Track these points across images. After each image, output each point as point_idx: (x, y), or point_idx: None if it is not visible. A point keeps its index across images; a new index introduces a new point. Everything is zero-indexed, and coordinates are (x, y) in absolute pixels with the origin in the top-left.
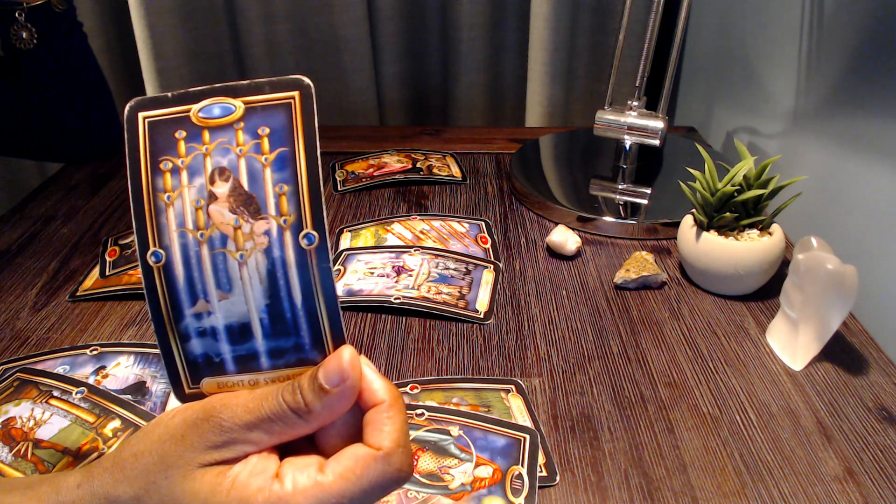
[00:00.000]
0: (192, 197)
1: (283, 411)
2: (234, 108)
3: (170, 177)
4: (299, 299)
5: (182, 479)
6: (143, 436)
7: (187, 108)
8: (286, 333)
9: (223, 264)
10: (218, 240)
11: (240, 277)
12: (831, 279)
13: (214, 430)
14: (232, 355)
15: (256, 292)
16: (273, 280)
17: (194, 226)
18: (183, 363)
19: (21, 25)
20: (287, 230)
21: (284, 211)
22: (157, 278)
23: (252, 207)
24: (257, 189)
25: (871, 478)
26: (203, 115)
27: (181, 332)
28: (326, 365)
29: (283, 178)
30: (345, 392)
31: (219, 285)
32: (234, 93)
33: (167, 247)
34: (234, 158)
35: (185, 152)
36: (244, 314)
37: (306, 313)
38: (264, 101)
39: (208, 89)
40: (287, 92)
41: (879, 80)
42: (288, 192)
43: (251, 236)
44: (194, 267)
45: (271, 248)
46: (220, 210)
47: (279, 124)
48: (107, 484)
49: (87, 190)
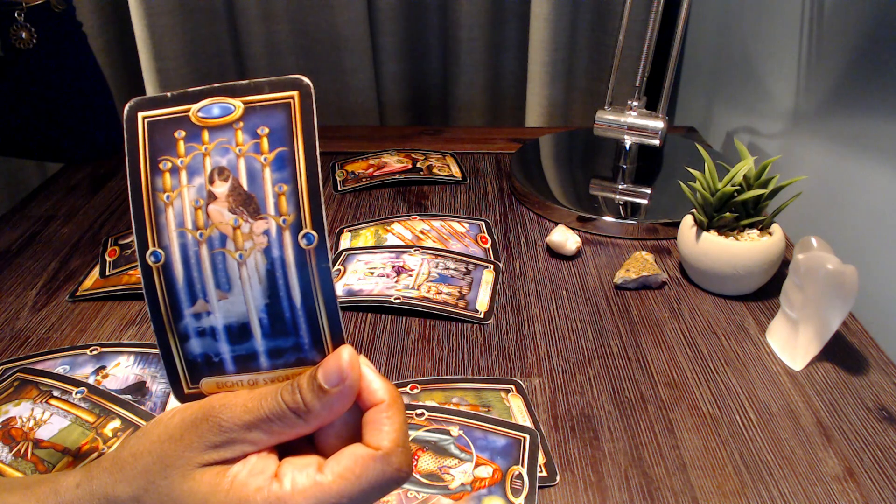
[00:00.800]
0: (191, 197)
1: (283, 411)
2: (233, 108)
3: (169, 176)
4: (298, 299)
5: (181, 478)
6: (142, 436)
7: (187, 108)
8: (285, 333)
9: (222, 264)
10: (217, 239)
11: (239, 277)
12: (831, 279)
13: (213, 429)
14: (231, 355)
15: (255, 292)
16: (272, 280)
17: (193, 225)
18: (182, 363)
19: (20, 25)
20: (286, 230)
21: (284, 211)
22: (156, 278)
23: (251, 207)
24: (256, 189)
25: (871, 478)
26: (202, 114)
27: (180, 332)
28: (325, 365)
29: (283, 177)
30: (344, 392)
31: (218, 285)
32: (234, 93)
33: (166, 247)
34: (234, 158)
35: (184, 152)
36: (243, 314)
37: (305, 313)
38: (264, 100)
39: (207, 89)
40: (286, 92)
41: (879, 80)
42: (287, 192)
43: (250, 236)
44: (193, 267)
45: (270, 247)
46: (220, 210)
47: (278, 124)
48: (106, 484)
49: (87, 190)
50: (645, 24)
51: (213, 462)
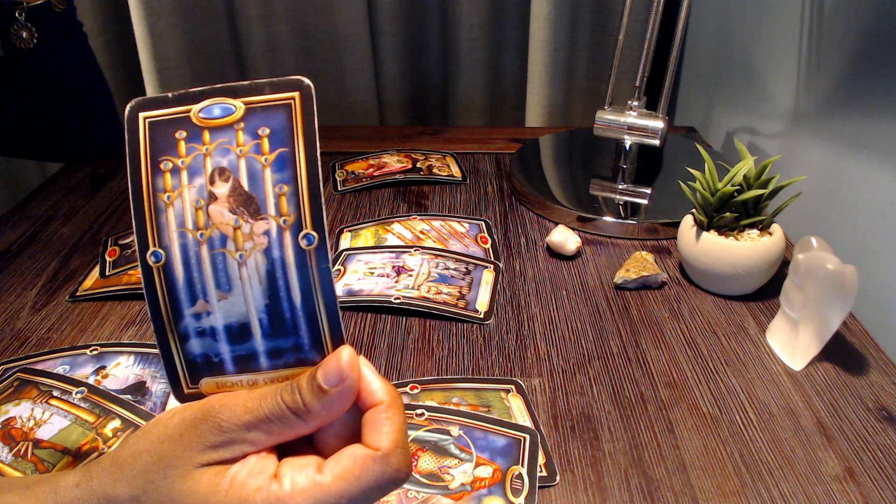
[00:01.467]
0: (192, 197)
1: (282, 411)
2: (234, 109)
3: (170, 177)
4: (298, 299)
5: (181, 478)
6: (141, 435)
7: (188, 108)
8: (285, 333)
9: (223, 264)
10: (218, 240)
11: (239, 277)
12: (831, 279)
13: (213, 430)
14: (231, 355)
15: (256, 292)
16: (272, 280)
17: (194, 226)
18: (182, 363)
19: (21, 25)
20: (287, 230)
21: (284, 211)
22: (156, 278)
23: (252, 208)
24: (257, 189)
25: (871, 478)
26: (203, 115)
27: (180, 332)
28: (325, 365)
29: (283, 178)
30: (343, 392)
31: (218, 285)
32: (235, 93)
33: (167, 247)
34: (234, 159)
35: (185, 152)
36: (243, 314)
37: (305, 313)
38: (264, 101)
39: (209, 90)
40: (287, 93)
41: (879, 80)
42: (288, 193)
43: (251, 236)
44: (194, 267)
45: (271, 248)
46: (220, 210)
47: (279, 125)
48: (105, 483)
49: (87, 190)
50: (645, 24)
51: (213, 462)
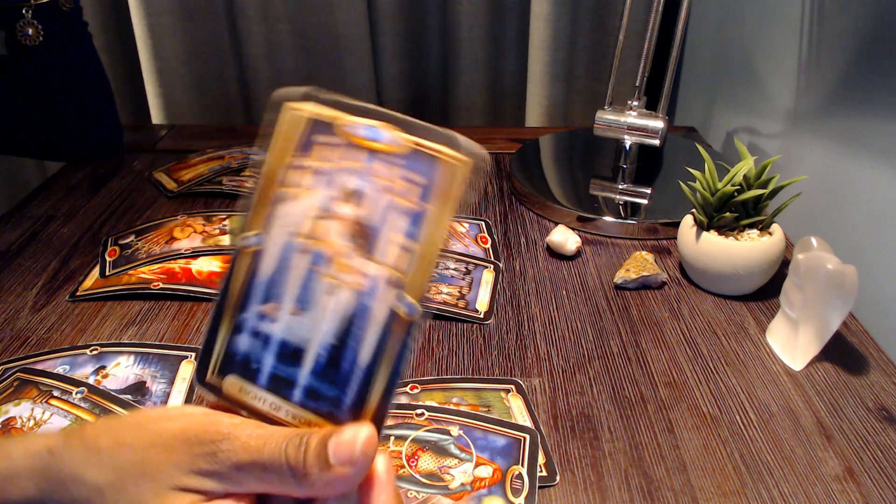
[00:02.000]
0: (317, 203)
1: (281, 465)
2: (401, 143)
3: (307, 176)
4: (365, 359)
5: (152, 494)
6: (135, 426)
7: (356, 121)
8: (333, 382)
9: (312, 282)
10: (320, 257)
11: (320, 304)
12: (831, 279)
13: (207, 456)
14: (270, 371)
15: (328, 327)
16: (350, 325)
17: (305, 232)
18: (221, 351)
19: (27, 22)
20: (391, 286)
21: (398, 266)
22: (243, 262)
23: (369, 244)
24: (384, 230)
25: (871, 478)
26: (366, 134)
27: (237, 322)
28: (341, 435)
29: (413, 234)
30: (348, 476)
31: (297, 299)
32: (409, 128)
33: (268, 238)
34: (378, 190)
35: (334, 160)
36: (305, 340)
37: (363, 376)
38: (435, 151)
39: (386, 113)
40: (462, 154)
41: (879, 80)
42: (410, 251)
43: (353, 271)
44: (284, 269)
45: (366, 293)
46: (337, 230)
47: (438, 182)
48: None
49: (87, 190)
50: (645, 24)
51: (192, 489)
